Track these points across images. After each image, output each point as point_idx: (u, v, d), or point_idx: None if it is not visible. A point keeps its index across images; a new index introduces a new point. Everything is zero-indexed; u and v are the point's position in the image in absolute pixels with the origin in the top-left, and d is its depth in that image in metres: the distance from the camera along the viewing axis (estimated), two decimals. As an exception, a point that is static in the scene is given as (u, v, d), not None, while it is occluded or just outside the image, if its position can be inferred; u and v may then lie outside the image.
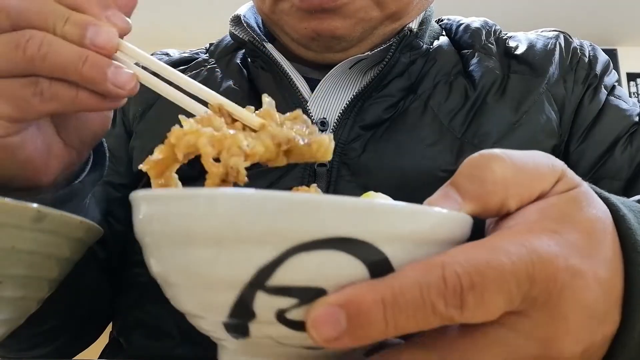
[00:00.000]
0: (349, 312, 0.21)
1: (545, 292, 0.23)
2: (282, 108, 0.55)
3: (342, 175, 0.54)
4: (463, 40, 0.63)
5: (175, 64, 0.67)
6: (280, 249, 0.21)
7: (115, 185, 0.62)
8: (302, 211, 0.21)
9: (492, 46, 0.61)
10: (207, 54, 0.69)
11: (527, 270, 0.23)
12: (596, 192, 0.29)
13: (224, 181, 0.28)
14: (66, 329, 0.57)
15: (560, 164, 0.28)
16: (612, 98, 0.59)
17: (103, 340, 0.65)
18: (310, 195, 0.22)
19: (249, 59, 0.62)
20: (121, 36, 0.35)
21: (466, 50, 0.61)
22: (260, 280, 0.22)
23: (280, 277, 0.22)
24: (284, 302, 0.22)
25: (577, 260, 0.24)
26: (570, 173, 0.28)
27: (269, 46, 0.59)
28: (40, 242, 0.30)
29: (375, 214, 0.22)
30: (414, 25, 0.58)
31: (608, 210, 0.28)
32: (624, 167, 0.55)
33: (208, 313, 0.24)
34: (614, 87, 0.60)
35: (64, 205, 0.39)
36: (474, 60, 0.60)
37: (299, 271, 0.22)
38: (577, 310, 0.24)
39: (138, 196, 0.25)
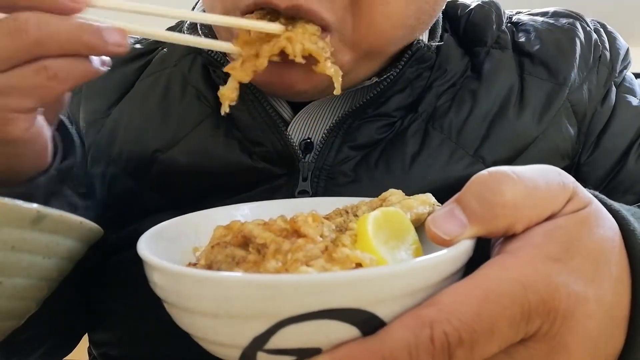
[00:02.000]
0: None
1: (547, 324, 0.23)
2: (253, 130, 0.48)
3: None
4: (473, 35, 0.53)
5: (128, 59, 0.57)
6: (270, 322, 0.23)
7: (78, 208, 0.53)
8: (281, 294, 0.22)
9: (507, 36, 0.53)
10: (166, 49, 0.58)
11: (523, 310, 0.22)
12: (606, 204, 0.28)
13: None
14: (49, 337, 0.54)
15: (571, 181, 0.27)
16: (621, 95, 0.52)
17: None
18: (287, 279, 0.23)
19: (210, 69, 0.51)
20: None
21: (477, 48, 0.52)
22: (257, 345, 0.23)
23: (276, 343, 0.23)
24: (284, 359, 0.24)
25: (580, 287, 0.24)
26: (581, 191, 0.27)
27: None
28: (40, 242, 0.30)
29: (356, 287, 0.22)
30: (424, 37, 0.50)
31: (617, 226, 0.27)
32: (638, 179, 0.49)
33: (222, 357, 0.27)
34: (623, 78, 0.53)
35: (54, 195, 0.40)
36: (487, 59, 0.51)
37: (291, 338, 0.23)
38: (580, 339, 0.24)
39: (143, 257, 0.27)
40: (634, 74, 0.56)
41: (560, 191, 0.26)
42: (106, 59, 0.36)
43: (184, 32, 0.52)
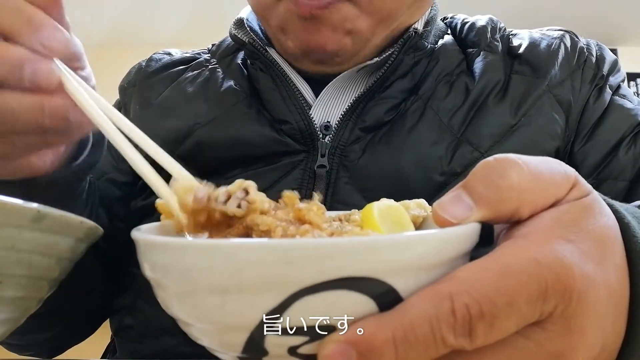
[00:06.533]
0: (360, 350, 0.21)
1: (562, 304, 0.23)
2: (282, 110, 0.57)
3: (340, 177, 0.54)
4: (468, 39, 0.62)
5: (176, 63, 0.68)
6: (284, 295, 0.21)
7: (117, 184, 0.62)
8: (300, 259, 0.21)
9: (498, 44, 0.60)
10: (209, 54, 0.69)
11: (540, 287, 0.22)
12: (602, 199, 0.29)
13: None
14: (61, 318, 0.57)
15: (572, 171, 0.27)
16: (616, 98, 0.58)
17: (104, 340, 0.65)
18: (307, 241, 0.22)
19: (248, 61, 0.63)
20: (62, 57, 0.34)
21: (471, 49, 0.60)
22: (267, 325, 0.22)
23: (288, 320, 0.22)
24: (295, 340, 0.22)
25: (591, 269, 0.24)
26: (582, 180, 0.27)
27: (271, 50, 0.59)
28: (40, 242, 0.30)
29: (376, 251, 0.21)
30: (419, 25, 0.58)
31: (615, 217, 0.28)
32: (627, 168, 0.54)
33: (222, 349, 0.25)
34: (619, 86, 0.60)
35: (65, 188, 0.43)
36: (479, 59, 0.59)
37: (305, 313, 0.22)
38: (593, 321, 0.24)
39: (138, 239, 0.25)
40: (633, 73, 0.60)
41: (563, 178, 0.26)
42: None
43: (231, 30, 0.63)
